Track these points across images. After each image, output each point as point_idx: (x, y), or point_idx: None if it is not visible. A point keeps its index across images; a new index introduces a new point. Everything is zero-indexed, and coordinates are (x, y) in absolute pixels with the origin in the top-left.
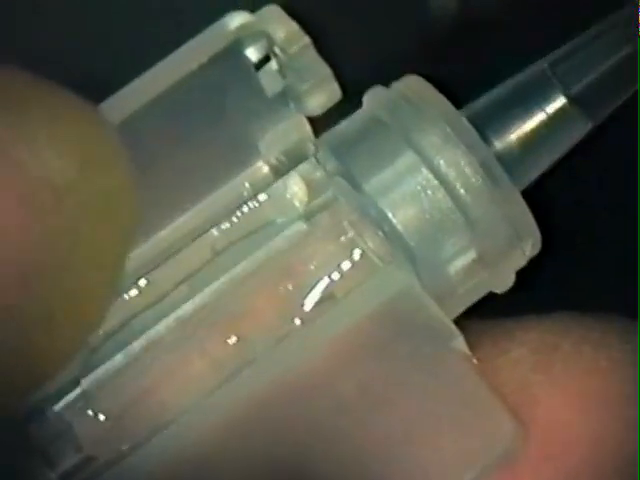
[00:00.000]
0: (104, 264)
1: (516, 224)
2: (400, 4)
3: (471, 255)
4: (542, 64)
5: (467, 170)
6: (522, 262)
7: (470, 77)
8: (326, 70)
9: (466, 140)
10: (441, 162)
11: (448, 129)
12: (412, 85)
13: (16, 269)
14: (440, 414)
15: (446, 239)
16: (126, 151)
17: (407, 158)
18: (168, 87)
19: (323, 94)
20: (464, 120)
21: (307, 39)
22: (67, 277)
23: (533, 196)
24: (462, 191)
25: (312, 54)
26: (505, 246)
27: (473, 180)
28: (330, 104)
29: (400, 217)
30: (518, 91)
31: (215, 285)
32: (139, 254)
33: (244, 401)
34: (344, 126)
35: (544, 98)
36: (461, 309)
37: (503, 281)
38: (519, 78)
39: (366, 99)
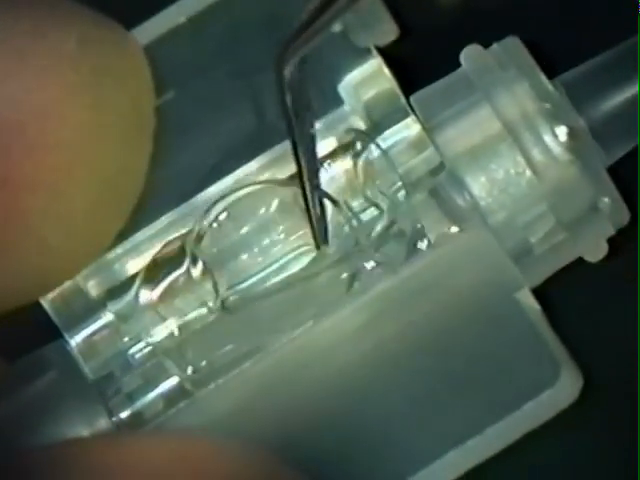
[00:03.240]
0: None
1: (595, 188)
2: None
3: (546, 214)
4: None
5: (547, 137)
6: (609, 230)
7: None
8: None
9: (552, 107)
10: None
11: (533, 94)
12: (509, 49)
13: None
14: (501, 359)
15: (522, 199)
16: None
17: (491, 123)
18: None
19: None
20: (551, 87)
21: None
22: None
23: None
24: (540, 155)
25: None
26: (583, 209)
27: (552, 144)
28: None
29: (476, 178)
30: (611, 65)
31: None
32: None
33: None
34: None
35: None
36: (545, 271)
37: (591, 248)
38: (612, 53)
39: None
